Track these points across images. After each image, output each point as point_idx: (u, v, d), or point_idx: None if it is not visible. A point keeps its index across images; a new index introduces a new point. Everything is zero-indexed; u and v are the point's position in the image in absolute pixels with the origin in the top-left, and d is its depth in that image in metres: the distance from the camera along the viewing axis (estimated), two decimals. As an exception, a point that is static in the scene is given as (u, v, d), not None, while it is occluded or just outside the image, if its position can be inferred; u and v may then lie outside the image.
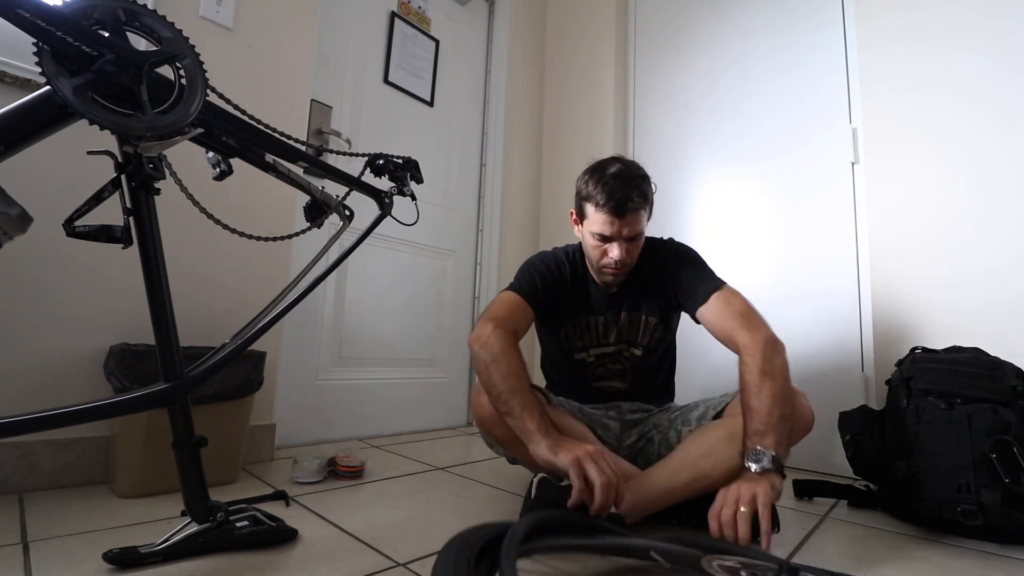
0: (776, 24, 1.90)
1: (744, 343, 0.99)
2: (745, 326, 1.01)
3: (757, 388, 0.92)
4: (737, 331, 1.01)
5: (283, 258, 1.54)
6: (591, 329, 1.21)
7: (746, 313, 1.04)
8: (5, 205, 0.61)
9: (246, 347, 0.88)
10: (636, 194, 1.05)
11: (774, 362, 0.95)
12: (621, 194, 1.04)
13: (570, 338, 1.22)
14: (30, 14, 0.55)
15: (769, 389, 0.92)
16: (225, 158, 0.81)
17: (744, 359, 0.98)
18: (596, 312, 1.21)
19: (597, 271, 1.16)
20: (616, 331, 1.20)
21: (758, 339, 0.98)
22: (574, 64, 2.46)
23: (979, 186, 1.42)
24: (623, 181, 1.05)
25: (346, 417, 1.84)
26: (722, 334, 1.05)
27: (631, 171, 1.08)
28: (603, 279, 1.16)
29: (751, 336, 0.99)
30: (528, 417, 0.92)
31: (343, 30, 1.90)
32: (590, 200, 1.08)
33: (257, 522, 0.89)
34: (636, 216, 1.07)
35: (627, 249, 1.09)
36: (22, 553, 0.81)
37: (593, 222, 1.08)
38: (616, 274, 1.13)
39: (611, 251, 1.09)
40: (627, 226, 1.06)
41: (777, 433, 0.88)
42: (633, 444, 1.17)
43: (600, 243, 1.10)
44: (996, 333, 1.32)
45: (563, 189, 2.43)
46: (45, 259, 1.16)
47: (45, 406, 0.66)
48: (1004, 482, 0.98)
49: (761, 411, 0.90)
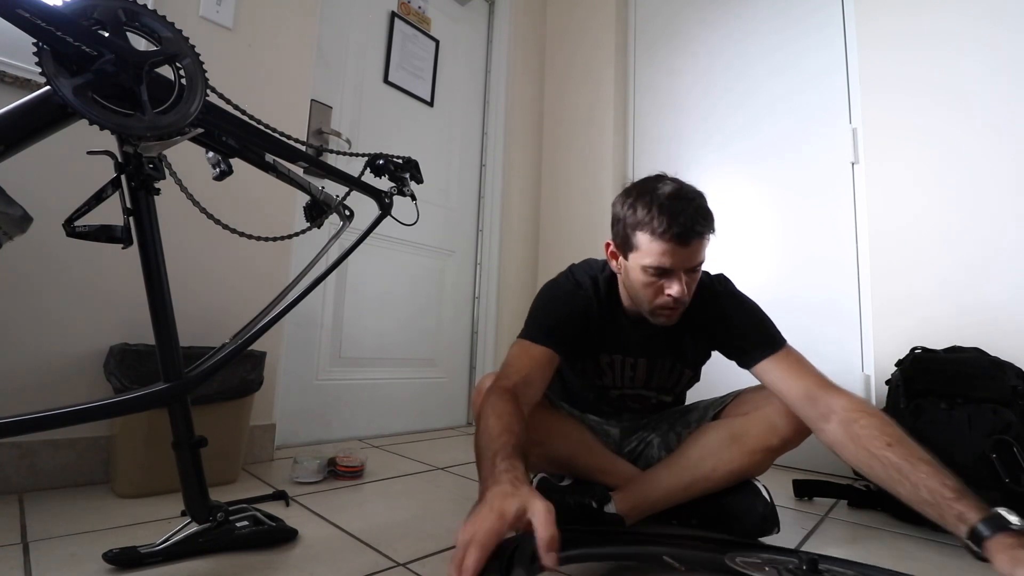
0: (776, 24, 1.90)
1: (843, 405, 0.84)
2: (827, 386, 0.88)
3: (911, 458, 0.75)
4: (819, 391, 0.87)
5: (283, 258, 1.54)
6: (616, 370, 1.08)
7: (820, 374, 0.91)
8: (6, 205, 0.61)
9: (246, 347, 0.88)
10: (701, 215, 0.89)
11: (896, 428, 0.81)
12: (686, 218, 0.87)
13: (588, 374, 1.10)
14: (30, 14, 0.55)
15: (922, 453, 0.76)
16: (225, 158, 0.81)
17: (860, 423, 0.81)
18: (627, 352, 1.06)
19: (650, 312, 0.97)
20: (647, 377, 1.08)
21: (856, 402, 0.85)
22: (574, 64, 2.46)
23: (979, 186, 1.42)
24: (684, 202, 0.89)
25: (346, 417, 1.84)
26: (796, 393, 0.89)
27: (689, 189, 0.92)
28: (656, 320, 0.98)
29: (846, 399, 0.85)
30: (481, 461, 0.74)
31: (343, 30, 1.90)
32: (642, 227, 0.90)
33: (257, 522, 0.89)
34: (700, 243, 0.90)
35: (687, 283, 0.92)
36: (22, 553, 0.81)
37: (647, 254, 0.90)
38: (673, 315, 0.96)
39: (670, 287, 0.91)
40: (690, 256, 0.90)
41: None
42: (634, 448, 1.17)
43: (655, 279, 0.92)
44: (996, 333, 1.32)
45: (563, 189, 2.43)
46: (45, 259, 1.16)
47: (45, 406, 0.66)
48: (1004, 482, 0.98)
49: (942, 476, 0.72)
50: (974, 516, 0.65)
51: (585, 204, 2.30)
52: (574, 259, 1.16)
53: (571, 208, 2.37)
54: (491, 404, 0.81)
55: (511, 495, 0.60)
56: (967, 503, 0.67)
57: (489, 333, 2.27)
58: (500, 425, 0.76)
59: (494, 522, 0.56)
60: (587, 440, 1.08)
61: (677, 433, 1.10)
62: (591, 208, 2.26)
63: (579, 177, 2.36)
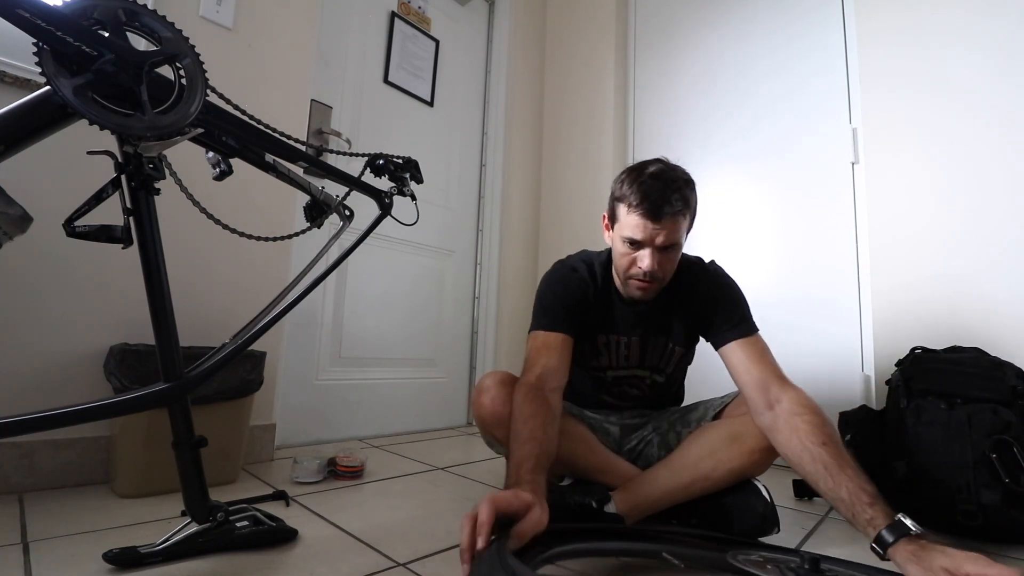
0: (775, 23, 1.90)
1: (791, 397, 0.89)
2: (782, 379, 0.93)
3: (839, 459, 0.80)
4: (773, 381, 0.92)
5: (283, 258, 1.54)
6: (612, 349, 1.11)
7: (778, 367, 0.95)
8: (6, 205, 0.61)
9: (246, 347, 0.88)
10: (676, 197, 0.94)
11: (834, 431, 0.85)
12: (657, 195, 0.93)
13: (586, 356, 1.13)
14: (30, 14, 0.55)
15: (851, 460, 0.80)
16: (225, 158, 0.81)
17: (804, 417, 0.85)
18: (619, 331, 1.10)
19: (623, 282, 1.04)
20: (640, 355, 1.12)
21: (804, 398, 0.89)
22: (574, 64, 2.46)
23: (979, 185, 1.42)
24: (663, 182, 0.95)
25: (346, 417, 1.84)
26: (751, 377, 0.94)
27: (673, 172, 0.98)
28: (629, 292, 1.04)
29: (796, 393, 0.90)
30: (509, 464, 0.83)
31: (343, 30, 1.90)
32: (623, 201, 0.98)
33: (257, 522, 0.89)
34: (673, 222, 0.95)
35: (660, 260, 0.97)
36: (22, 553, 0.81)
37: (624, 225, 0.97)
38: (645, 288, 1.01)
39: (641, 260, 0.97)
40: (662, 232, 0.95)
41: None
42: (633, 448, 1.17)
43: (630, 250, 0.98)
44: (996, 333, 1.32)
45: (563, 189, 2.43)
46: (44, 259, 1.16)
47: (45, 406, 0.66)
48: (1004, 482, 0.98)
49: (862, 481, 0.77)
50: (882, 522, 0.71)
51: (585, 204, 2.30)
52: (574, 258, 1.17)
53: (571, 208, 2.37)
54: (517, 406, 0.89)
55: (527, 493, 0.70)
56: (879, 509, 0.73)
57: (489, 333, 2.27)
58: (526, 432, 0.84)
59: (511, 497, 0.67)
60: (587, 439, 1.09)
61: (677, 433, 1.10)
62: (591, 208, 2.26)
63: (579, 177, 2.36)
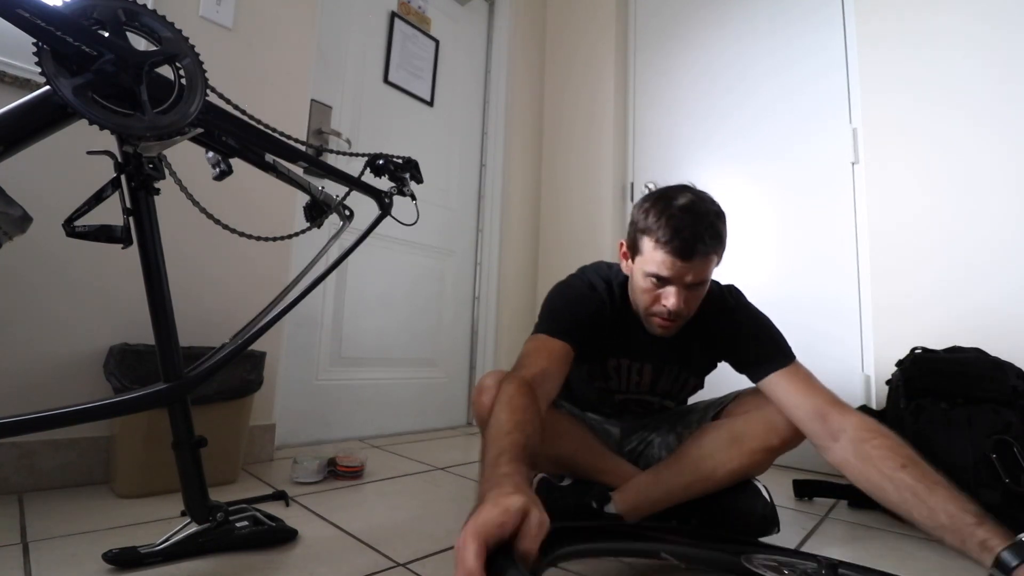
0: (775, 23, 1.90)
1: (855, 424, 0.83)
2: (838, 405, 0.88)
3: (926, 480, 0.73)
4: (830, 409, 0.87)
5: (283, 258, 1.54)
6: (622, 375, 1.07)
7: (829, 392, 0.91)
8: (6, 205, 0.61)
9: (246, 347, 0.88)
10: (709, 234, 0.87)
11: (909, 449, 0.79)
12: (690, 232, 0.86)
13: (594, 377, 1.09)
14: (30, 14, 0.55)
15: (937, 476, 0.74)
16: (225, 158, 0.81)
17: (873, 443, 0.80)
18: (634, 357, 1.05)
19: (644, 317, 0.98)
20: (652, 383, 1.08)
21: (869, 421, 0.83)
22: (574, 64, 2.46)
23: (980, 186, 1.42)
24: (693, 216, 0.87)
25: (346, 417, 1.84)
26: (805, 410, 0.89)
27: (703, 205, 0.90)
28: (650, 328, 0.98)
29: (858, 418, 0.84)
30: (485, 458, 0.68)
31: (343, 30, 1.90)
32: (648, 234, 0.90)
33: (257, 522, 0.89)
34: (705, 261, 0.89)
35: (686, 298, 0.91)
36: (22, 553, 0.81)
37: (649, 261, 0.90)
38: (667, 327, 0.95)
39: (666, 298, 0.90)
40: (692, 271, 0.88)
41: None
42: (634, 448, 1.16)
43: (654, 287, 0.92)
44: (996, 333, 1.32)
45: (563, 189, 2.43)
46: (44, 259, 1.16)
47: (45, 406, 0.66)
48: (1004, 482, 0.98)
49: (961, 500, 0.71)
50: (998, 543, 0.63)
51: (585, 204, 2.30)
52: (574, 258, 1.16)
53: (571, 208, 2.37)
54: (506, 395, 0.76)
55: (512, 495, 0.55)
56: (989, 529, 0.65)
57: (489, 333, 2.27)
58: (512, 421, 0.71)
59: (497, 515, 0.51)
60: (587, 440, 1.08)
61: (677, 433, 1.10)
62: (591, 208, 2.26)
63: (579, 177, 2.36)
